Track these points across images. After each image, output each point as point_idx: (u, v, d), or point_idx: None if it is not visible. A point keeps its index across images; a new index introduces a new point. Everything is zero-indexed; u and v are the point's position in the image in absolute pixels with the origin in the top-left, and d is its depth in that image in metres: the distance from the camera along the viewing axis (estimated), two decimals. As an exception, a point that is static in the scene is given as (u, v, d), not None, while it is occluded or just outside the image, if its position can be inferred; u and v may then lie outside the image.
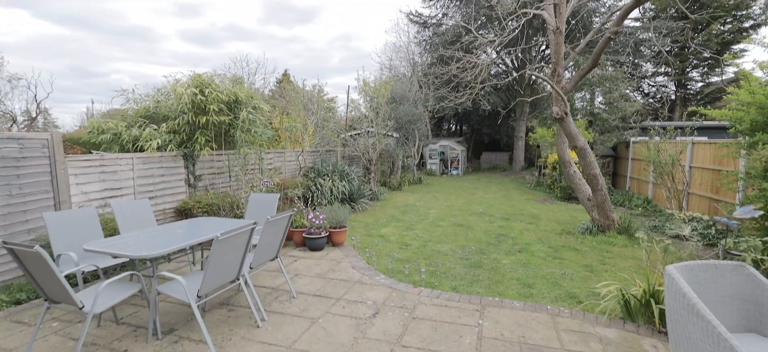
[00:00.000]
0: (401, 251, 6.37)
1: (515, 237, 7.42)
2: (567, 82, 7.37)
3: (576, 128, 7.38)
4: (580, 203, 10.93)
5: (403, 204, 11.41)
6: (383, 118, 12.50)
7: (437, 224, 8.55)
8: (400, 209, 10.49)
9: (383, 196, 12.52)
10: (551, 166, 12.47)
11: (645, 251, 4.86)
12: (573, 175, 8.23)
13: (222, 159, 7.63)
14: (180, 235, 3.88)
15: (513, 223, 8.80)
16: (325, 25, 47.43)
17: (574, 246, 6.79)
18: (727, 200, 8.11)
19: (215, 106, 6.80)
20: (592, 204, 7.82)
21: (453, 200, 12.14)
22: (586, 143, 7.45)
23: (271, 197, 5.32)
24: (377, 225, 8.49)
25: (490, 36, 8.77)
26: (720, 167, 8.38)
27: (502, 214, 9.88)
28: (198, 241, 3.64)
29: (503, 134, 26.75)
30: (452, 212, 10.06)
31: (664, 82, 23.85)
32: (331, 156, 12.04)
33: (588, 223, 7.85)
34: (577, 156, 7.61)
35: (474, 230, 8.06)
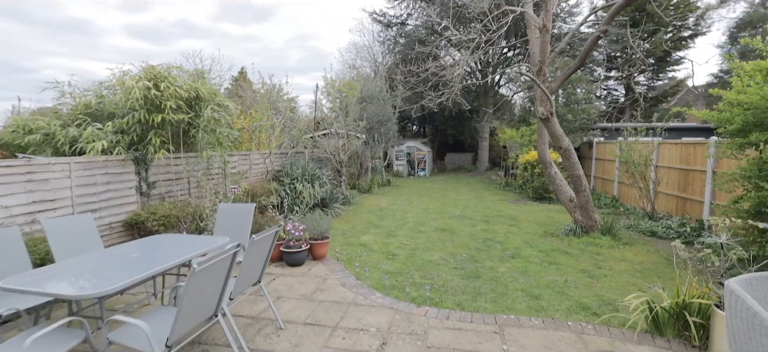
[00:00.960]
0: (389, 262, 5.84)
1: (502, 241, 7.14)
2: (552, 82, 7.22)
3: (560, 129, 7.25)
4: (560, 203, 11.04)
5: (377, 208, 10.88)
6: (353, 118, 11.90)
7: (419, 230, 8.11)
8: (376, 214, 9.95)
9: (355, 200, 11.92)
10: (522, 166, 12.51)
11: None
12: (554, 176, 8.13)
13: (180, 163, 6.69)
14: (135, 260, 3.10)
15: (495, 226, 8.57)
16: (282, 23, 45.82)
17: (564, 249, 6.62)
18: (695, 199, 8.39)
19: (172, 103, 5.89)
20: (575, 205, 7.75)
21: (428, 203, 11.80)
22: (570, 144, 7.34)
23: (245, 207, 4.59)
24: (356, 232, 7.90)
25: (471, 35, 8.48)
26: (687, 167, 8.67)
27: (481, 216, 9.65)
28: (162, 269, 2.89)
29: (467, 135, 27.03)
30: (431, 216, 9.68)
31: (615, 85, 25.24)
32: (300, 158, 11.25)
33: (571, 224, 7.77)
34: (561, 157, 7.49)
35: (458, 234, 7.70)
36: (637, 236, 7.65)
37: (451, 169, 24.74)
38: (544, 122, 7.17)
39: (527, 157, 12.31)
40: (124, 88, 5.89)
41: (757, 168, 4.67)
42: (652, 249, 6.78)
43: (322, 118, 13.35)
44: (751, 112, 4.82)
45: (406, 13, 23.23)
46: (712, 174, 7.84)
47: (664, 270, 5.60)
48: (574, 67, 6.90)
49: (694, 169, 8.46)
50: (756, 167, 4.67)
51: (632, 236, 7.53)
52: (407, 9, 23.06)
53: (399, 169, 21.30)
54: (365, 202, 11.99)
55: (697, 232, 7.41)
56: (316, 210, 8.11)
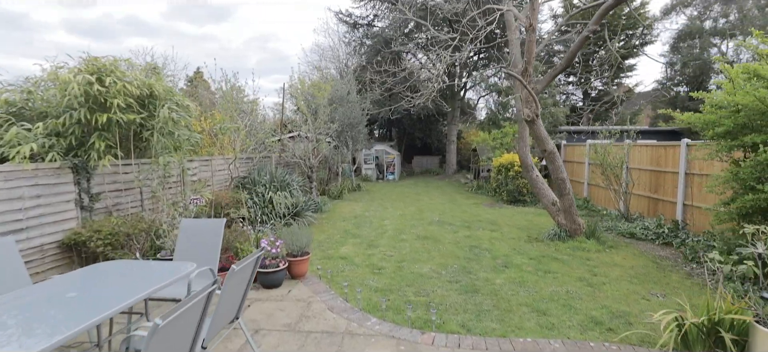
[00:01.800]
0: (377, 278, 5.31)
1: (489, 249, 6.83)
2: (537, 83, 7.04)
3: (545, 131, 7.08)
4: (536, 206, 11.00)
5: (351, 215, 10.29)
6: (323, 120, 11.25)
7: (401, 238, 7.64)
8: (352, 222, 9.37)
9: (327, 207, 11.26)
10: (496, 169, 12.44)
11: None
12: (536, 179, 7.97)
13: (131, 171, 5.77)
14: (72, 301, 2.37)
15: (477, 231, 8.28)
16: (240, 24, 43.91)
17: (553, 255, 6.41)
18: (667, 199, 8.57)
19: (121, 101, 5.02)
20: (558, 209, 7.61)
21: (403, 208, 11.37)
22: (555, 147, 7.19)
23: (212, 224, 3.88)
24: (333, 243, 7.29)
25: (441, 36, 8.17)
26: (659, 168, 8.86)
27: (461, 221, 9.35)
28: (109, 314, 2.20)
29: (434, 138, 27.05)
30: (409, 222, 9.25)
31: (573, 90, 26.27)
32: (267, 163, 10.43)
33: (554, 228, 7.62)
34: (546, 160, 7.32)
35: (442, 242, 7.31)
36: (618, 239, 7.64)
37: (419, 173, 24.58)
38: (530, 125, 6.96)
39: (501, 160, 12.24)
40: (59, 82, 4.94)
41: (753, 170, 4.61)
42: (637, 252, 6.74)
43: (290, 120, 12.58)
44: (743, 114, 4.79)
45: (373, 13, 22.82)
46: (684, 176, 8.02)
47: (657, 275, 5.49)
48: (561, 67, 6.76)
49: (666, 170, 8.65)
50: (752, 169, 4.60)
51: (614, 239, 7.49)
52: (374, 9, 22.65)
53: (368, 173, 20.79)
54: (338, 209, 11.36)
55: (674, 233, 7.51)
56: (287, 220, 7.42)
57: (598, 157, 9.20)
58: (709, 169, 7.39)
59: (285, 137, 10.93)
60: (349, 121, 13.18)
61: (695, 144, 7.85)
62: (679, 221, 7.85)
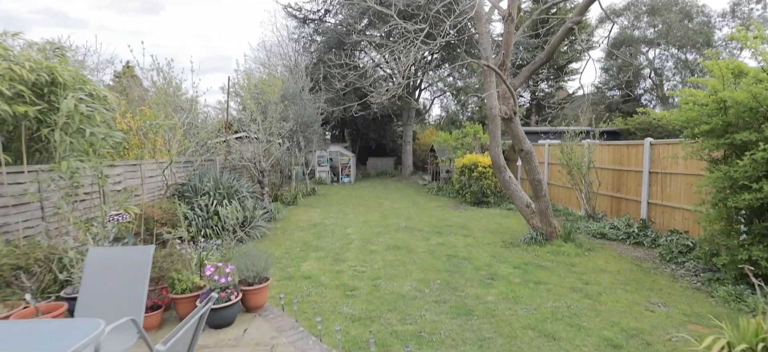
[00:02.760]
0: (351, 302, 4.48)
1: (468, 257, 6.27)
2: (515, 79, 6.60)
3: (522, 130, 6.68)
4: (501, 208, 10.68)
5: (309, 223, 9.31)
6: (275, 118, 10.15)
7: (369, 250, 6.85)
8: (311, 232, 8.41)
9: (281, 214, 10.16)
10: (459, 170, 12.09)
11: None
12: (509, 180, 7.58)
13: (25, 179, 4.42)
14: None
15: (449, 237, 7.72)
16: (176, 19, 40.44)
17: (536, 262, 5.98)
18: (630, 198, 8.62)
19: (5, 87, 3.74)
20: (532, 211, 7.27)
21: (365, 214, 10.58)
22: (532, 147, 6.82)
23: (134, 255, 2.85)
24: (293, 259, 6.32)
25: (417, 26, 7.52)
26: (621, 167, 8.91)
27: (429, 227, 8.76)
28: None
29: (389, 139, 26.55)
30: (375, 230, 8.48)
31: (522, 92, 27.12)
32: (210, 168, 9.12)
33: (530, 232, 7.26)
34: (521, 160, 6.93)
35: (416, 252, 6.63)
36: (591, 241, 7.46)
37: (374, 175, 23.91)
38: (507, 122, 6.52)
39: (464, 161, 11.90)
40: None
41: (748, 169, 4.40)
42: (615, 254, 6.54)
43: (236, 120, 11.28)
44: (732, 111, 4.62)
45: (324, 8, 21.75)
46: (648, 175, 8.08)
47: (645, 280, 5.23)
48: (541, 60, 6.39)
49: (628, 169, 8.71)
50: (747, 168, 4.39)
51: (589, 241, 7.29)
52: (325, 3, 21.59)
53: (322, 176, 19.73)
54: (294, 216, 10.30)
55: (643, 232, 7.47)
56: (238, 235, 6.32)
57: (565, 157, 9.07)
58: (674, 169, 7.46)
59: (231, 138, 9.67)
60: (303, 120, 12.13)
61: (659, 143, 7.94)
62: (645, 219, 7.87)
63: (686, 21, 28.16)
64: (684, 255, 6.07)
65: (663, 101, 29.29)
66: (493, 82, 7.47)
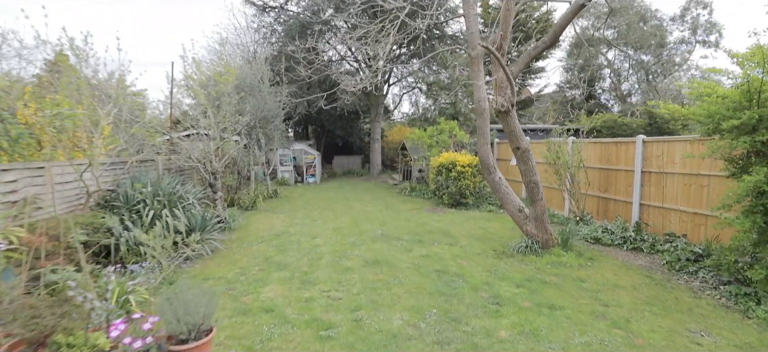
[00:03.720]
0: (326, 348, 3.40)
1: (461, 274, 5.36)
2: (513, 65, 5.76)
3: (520, 126, 5.86)
4: (483, 210, 9.80)
5: (271, 232, 8.06)
6: (229, 112, 8.77)
7: (343, 266, 5.77)
8: (273, 243, 7.19)
9: (237, 222, 8.81)
10: (435, 170, 11.25)
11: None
12: (499, 182, 6.77)
13: None
14: None
15: (433, 247, 6.80)
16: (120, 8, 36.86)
17: (540, 278, 5.18)
18: (619, 199, 8.12)
19: None
20: (526, 217, 6.50)
21: (335, 219, 9.45)
22: (529, 144, 6.02)
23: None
24: (250, 283, 5.12)
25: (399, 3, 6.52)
26: (609, 166, 8.41)
27: (409, 234, 7.81)
28: None
29: (356, 137, 25.42)
30: (347, 239, 7.40)
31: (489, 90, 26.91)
32: (149, 170, 7.63)
33: (524, 240, 6.48)
34: (518, 159, 6.12)
35: (399, 268, 5.64)
36: (588, 247, 6.82)
37: (341, 174, 22.70)
38: (503, 116, 5.66)
39: (440, 160, 11.07)
40: None
41: None
42: (619, 263, 5.89)
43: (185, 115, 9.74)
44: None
45: (286, -5, 20.22)
46: (640, 174, 7.58)
47: (666, 297, 4.55)
48: (545, 43, 5.59)
49: (617, 168, 8.21)
50: None
51: (587, 249, 6.63)
52: (286, -9, 20.06)
53: (284, 176, 18.28)
54: (253, 224, 8.98)
55: (639, 236, 6.93)
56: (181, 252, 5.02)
57: (552, 156, 8.43)
58: (670, 168, 6.97)
59: (176, 136, 8.19)
60: (263, 114, 10.77)
61: (652, 141, 7.46)
62: (639, 222, 7.36)
63: (641, 23, 29.25)
64: (693, 264, 5.51)
65: (622, 100, 30.28)
66: (480, 72, 6.62)
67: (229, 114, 8.94)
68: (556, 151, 8.36)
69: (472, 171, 10.58)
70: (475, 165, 10.70)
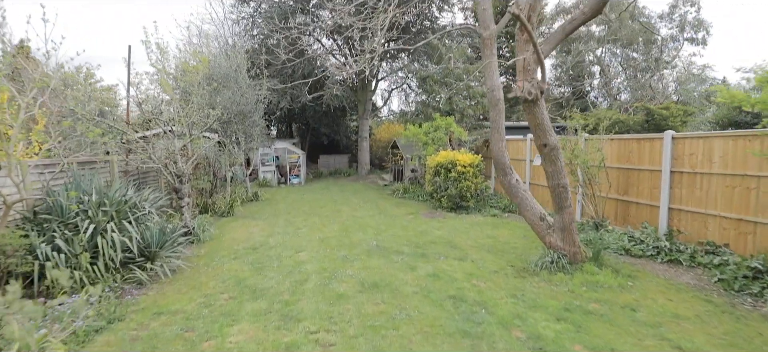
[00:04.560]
0: None
1: (481, 302, 4.33)
2: (543, 43, 4.74)
3: (548, 119, 4.85)
4: (489, 215, 8.64)
5: (247, 244, 6.89)
6: (195, 106, 7.53)
7: (334, 293, 4.66)
8: (248, 260, 6.02)
9: (209, 232, 7.60)
10: (432, 170, 10.22)
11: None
12: (516, 186, 5.77)
13: None
14: None
15: (439, 263, 5.75)
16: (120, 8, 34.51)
17: (577, 304, 4.19)
18: (642, 202, 7.25)
19: None
20: (550, 226, 5.52)
21: (322, 227, 8.32)
22: (558, 141, 5.03)
23: None
24: (215, 318, 3.96)
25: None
26: (630, 166, 7.53)
27: (408, 245, 6.75)
28: None
29: (342, 135, 24.23)
30: (336, 253, 6.29)
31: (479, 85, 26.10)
32: (101, 174, 6.32)
33: (548, 254, 5.50)
34: (544, 159, 5.12)
35: (405, 295, 4.57)
36: (619, 259, 5.89)
37: (327, 174, 21.48)
38: (529, 107, 4.65)
39: (438, 159, 10.05)
40: None
41: None
42: (663, 281, 4.95)
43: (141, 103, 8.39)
44: None
45: (267, -18, 18.86)
46: (669, 174, 6.71)
47: (746, 332, 3.61)
48: (586, 15, 4.58)
49: (640, 168, 7.33)
50: None
51: (620, 263, 5.69)
52: (268, -22, 18.70)
53: (266, 177, 17.00)
54: (227, 233, 7.78)
55: (674, 245, 6.03)
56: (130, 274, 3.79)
57: (569, 154, 7.48)
58: (707, 167, 6.11)
59: (133, 136, 6.89)
60: (239, 108, 9.53)
61: (684, 136, 6.59)
62: (671, 230, 6.48)
63: (630, 20, 28.96)
64: (754, 281, 4.62)
65: (611, 98, 29.95)
66: (494, 55, 5.61)
67: (197, 107, 7.69)
68: (572, 149, 7.42)
69: (473, 171, 9.60)
70: (476, 165, 9.72)
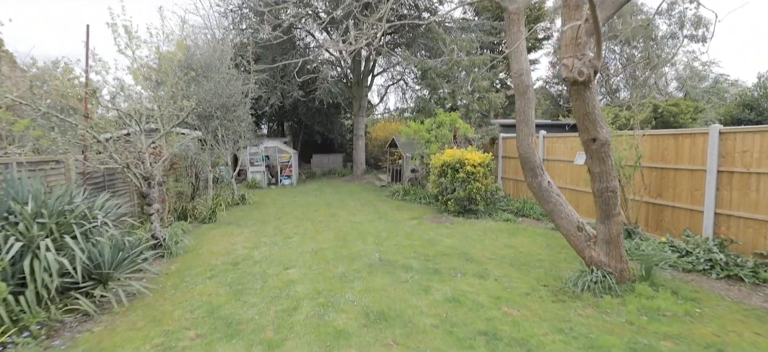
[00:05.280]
0: None
1: (520, 339, 3.37)
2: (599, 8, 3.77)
3: (599, 107, 3.90)
4: (502, 221, 7.36)
5: (227, 259, 5.86)
6: (166, 96, 6.47)
7: (330, 326, 3.66)
8: (226, 279, 4.99)
9: (183, 243, 6.55)
10: (438, 170, 9.26)
11: None
12: (548, 190, 4.83)
13: None
14: None
15: (457, 283, 4.78)
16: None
17: (641, 341, 3.26)
18: (680, 206, 6.36)
19: None
20: (589, 238, 4.59)
21: (315, 235, 7.32)
22: (610, 136, 4.08)
23: None
24: (172, 373, 2.95)
25: None
26: (665, 165, 6.64)
27: (416, 258, 5.77)
28: None
29: (337, 133, 23.18)
30: (333, 269, 5.29)
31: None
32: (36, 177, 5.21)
33: (588, 270, 4.56)
34: (590, 156, 4.17)
35: (422, 331, 3.59)
36: (669, 276, 4.97)
37: (321, 175, 20.42)
38: (579, 89, 3.69)
39: (445, 158, 9.10)
40: None
41: None
42: (738, 307, 4.04)
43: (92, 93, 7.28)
44: None
45: (256, -28, 17.73)
46: (715, 175, 5.82)
47: None
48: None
49: (678, 167, 6.44)
50: None
51: (674, 281, 4.77)
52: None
53: (255, 177, 15.92)
54: (206, 244, 6.74)
55: (730, 258, 5.13)
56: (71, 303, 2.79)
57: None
58: (765, 166, 5.24)
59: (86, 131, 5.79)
60: (221, 101, 8.46)
61: (733, 131, 5.70)
62: (723, 240, 5.58)
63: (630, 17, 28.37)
64: None
65: (610, 94, 29.32)
66: (521, 33, 4.69)
67: (169, 97, 6.61)
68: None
69: (484, 171, 8.65)
70: (487, 164, 8.78)
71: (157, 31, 7.82)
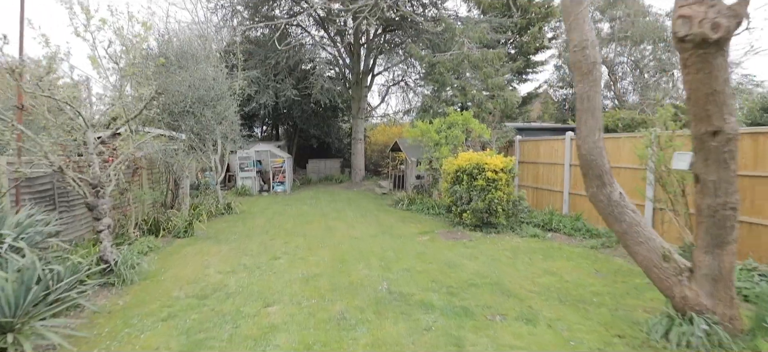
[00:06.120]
0: None
1: None
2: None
3: (729, 81, 2.66)
4: (537, 238, 5.77)
5: (194, 289, 4.56)
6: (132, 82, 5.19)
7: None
8: (185, 324, 3.69)
9: (143, 265, 5.23)
10: (451, 177, 8.00)
11: None
12: (619, 203, 3.58)
13: None
14: None
15: (498, 332, 3.51)
16: None
17: None
18: (758, 221, 5.13)
19: None
20: (681, 271, 3.33)
21: (306, 254, 6.03)
22: (737, 128, 2.82)
23: None
24: None
25: None
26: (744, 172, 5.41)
27: (436, 289, 4.49)
28: None
29: (334, 137, 21.90)
30: (328, 305, 4.01)
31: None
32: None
33: (673, 315, 3.29)
34: (709, 157, 2.92)
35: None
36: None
37: (317, 181, 19.09)
38: (710, 53, 2.42)
39: (459, 162, 7.86)
40: None
41: None
42: None
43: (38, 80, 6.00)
44: None
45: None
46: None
47: None
48: None
49: (755, 174, 5.23)
50: None
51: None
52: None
53: (246, 184, 14.60)
54: (171, 267, 5.42)
55: None
56: None
57: (654, 158, 5.32)
58: None
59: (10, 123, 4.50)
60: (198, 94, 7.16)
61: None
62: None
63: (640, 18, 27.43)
64: None
65: (619, 98, 28.29)
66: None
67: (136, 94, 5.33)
68: (659, 153, 5.26)
69: (506, 178, 7.41)
70: (510, 169, 7.54)
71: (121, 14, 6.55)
